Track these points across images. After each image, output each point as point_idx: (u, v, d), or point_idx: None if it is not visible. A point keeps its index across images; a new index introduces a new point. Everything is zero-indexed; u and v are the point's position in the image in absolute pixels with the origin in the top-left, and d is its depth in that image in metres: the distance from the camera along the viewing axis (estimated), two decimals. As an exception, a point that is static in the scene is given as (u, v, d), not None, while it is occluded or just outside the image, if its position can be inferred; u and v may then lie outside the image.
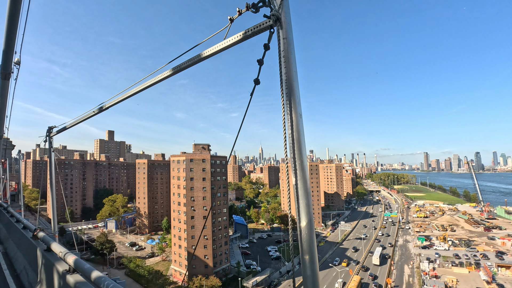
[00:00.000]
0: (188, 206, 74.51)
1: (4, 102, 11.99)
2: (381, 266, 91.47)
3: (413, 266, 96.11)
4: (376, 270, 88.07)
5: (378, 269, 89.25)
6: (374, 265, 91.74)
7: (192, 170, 75.32)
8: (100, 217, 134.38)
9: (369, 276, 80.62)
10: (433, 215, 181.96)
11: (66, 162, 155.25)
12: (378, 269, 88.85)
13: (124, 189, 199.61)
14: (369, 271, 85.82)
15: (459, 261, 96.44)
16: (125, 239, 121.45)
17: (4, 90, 10.95)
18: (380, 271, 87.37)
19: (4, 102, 11.97)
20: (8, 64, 9.49)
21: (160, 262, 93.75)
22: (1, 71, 9.81)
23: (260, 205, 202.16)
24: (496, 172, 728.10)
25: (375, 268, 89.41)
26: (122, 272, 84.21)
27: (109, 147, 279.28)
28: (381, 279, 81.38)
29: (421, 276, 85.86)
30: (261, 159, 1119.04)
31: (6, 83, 10.60)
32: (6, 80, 10.32)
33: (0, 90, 10.81)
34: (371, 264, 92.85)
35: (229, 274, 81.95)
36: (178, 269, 79.28)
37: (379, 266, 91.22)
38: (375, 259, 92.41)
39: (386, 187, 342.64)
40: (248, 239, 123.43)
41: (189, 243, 74.12)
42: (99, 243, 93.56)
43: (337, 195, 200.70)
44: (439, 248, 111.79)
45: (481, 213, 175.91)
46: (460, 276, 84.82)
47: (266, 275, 79.90)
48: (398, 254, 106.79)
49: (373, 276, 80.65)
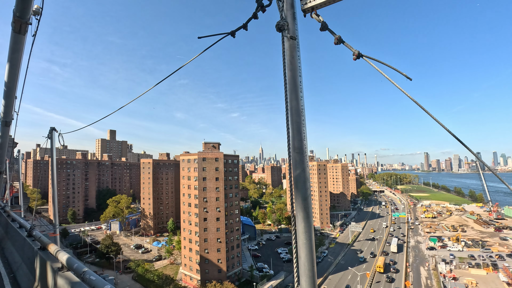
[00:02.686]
0: (201, 208, 71.05)
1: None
2: (398, 253, 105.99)
3: (429, 268, 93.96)
4: (394, 256, 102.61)
5: (396, 255, 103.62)
6: (392, 253, 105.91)
7: (204, 170, 71.91)
8: (103, 218, 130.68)
9: (389, 261, 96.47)
10: (441, 215, 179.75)
11: (68, 162, 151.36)
12: (396, 256, 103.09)
13: (127, 189, 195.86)
14: (389, 255, 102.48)
15: (475, 262, 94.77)
16: (130, 241, 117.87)
17: (18, 45, 8.33)
18: (398, 257, 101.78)
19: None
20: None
21: (168, 266, 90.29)
22: None
23: (265, 206, 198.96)
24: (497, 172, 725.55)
25: (393, 255, 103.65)
26: (129, 277, 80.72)
27: (111, 147, 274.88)
28: (400, 264, 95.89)
29: (439, 278, 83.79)
30: (261, 159, 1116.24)
31: (21, 38, 8.00)
32: (21, 34, 7.76)
33: (13, 44, 8.27)
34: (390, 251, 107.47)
35: (241, 278, 78.65)
36: (189, 273, 75.86)
37: (396, 253, 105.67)
38: (393, 247, 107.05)
39: (389, 187, 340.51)
40: (257, 240, 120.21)
41: (201, 247, 70.63)
42: (105, 246, 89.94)
43: (343, 195, 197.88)
44: (453, 249, 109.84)
45: (489, 213, 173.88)
46: (478, 278, 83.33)
47: (281, 279, 76.74)
48: (412, 256, 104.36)
49: (393, 262, 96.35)
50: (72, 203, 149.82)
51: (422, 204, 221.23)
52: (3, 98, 10.99)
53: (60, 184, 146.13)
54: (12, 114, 12.91)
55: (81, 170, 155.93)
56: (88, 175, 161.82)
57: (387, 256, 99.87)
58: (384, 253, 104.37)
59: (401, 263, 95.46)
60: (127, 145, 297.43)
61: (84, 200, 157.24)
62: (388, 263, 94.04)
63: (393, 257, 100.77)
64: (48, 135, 22.02)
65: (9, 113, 12.47)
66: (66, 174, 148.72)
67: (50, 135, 21.90)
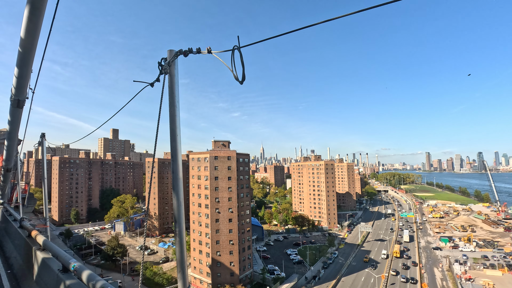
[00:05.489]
0: (213, 208, 68.38)
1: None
2: (410, 242, 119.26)
3: (443, 269, 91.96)
4: (407, 245, 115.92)
5: (409, 244, 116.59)
6: (405, 241, 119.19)
7: (216, 169, 69.24)
8: (108, 218, 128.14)
9: (404, 248, 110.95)
10: (448, 215, 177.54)
11: (72, 161, 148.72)
12: (408, 245, 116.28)
13: (130, 189, 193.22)
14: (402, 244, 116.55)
15: (490, 263, 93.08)
16: (135, 242, 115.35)
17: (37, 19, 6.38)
18: (410, 246, 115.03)
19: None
20: None
21: (176, 268, 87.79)
22: None
23: (270, 206, 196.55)
24: (499, 172, 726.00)
25: (405, 244, 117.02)
26: (136, 280, 78.24)
27: (114, 146, 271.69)
28: (411, 251, 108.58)
29: (454, 280, 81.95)
30: (262, 158, 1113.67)
31: None
32: None
33: None
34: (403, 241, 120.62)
35: (253, 281, 76.14)
36: (199, 276, 73.35)
37: (408, 242, 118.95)
38: (406, 237, 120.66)
39: (393, 187, 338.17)
40: (264, 241, 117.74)
41: (213, 249, 67.97)
42: (110, 248, 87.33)
43: (348, 195, 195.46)
44: (465, 249, 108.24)
45: (497, 213, 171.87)
46: (494, 279, 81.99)
47: (294, 281, 74.30)
48: (425, 257, 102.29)
49: (406, 249, 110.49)
50: (75, 203, 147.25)
51: (428, 204, 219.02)
52: (17, 66, 7.98)
53: (63, 184, 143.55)
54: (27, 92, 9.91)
55: (84, 169, 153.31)
56: (92, 175, 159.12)
57: (401, 245, 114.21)
58: (398, 242, 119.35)
59: (413, 250, 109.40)
60: (129, 144, 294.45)
61: (88, 200, 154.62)
62: (403, 249, 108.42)
63: (406, 246, 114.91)
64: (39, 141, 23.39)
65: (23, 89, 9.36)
66: (69, 173, 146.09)
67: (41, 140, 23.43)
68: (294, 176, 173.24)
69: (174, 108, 5.51)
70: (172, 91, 5.49)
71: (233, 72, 5.07)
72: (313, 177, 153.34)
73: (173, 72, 5.52)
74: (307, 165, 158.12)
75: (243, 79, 5.06)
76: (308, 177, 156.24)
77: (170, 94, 5.50)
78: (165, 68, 5.45)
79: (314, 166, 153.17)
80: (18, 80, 8.72)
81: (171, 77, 5.51)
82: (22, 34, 6.59)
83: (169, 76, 5.51)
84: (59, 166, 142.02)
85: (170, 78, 5.52)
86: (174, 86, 5.52)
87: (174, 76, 5.52)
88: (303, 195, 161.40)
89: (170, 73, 5.51)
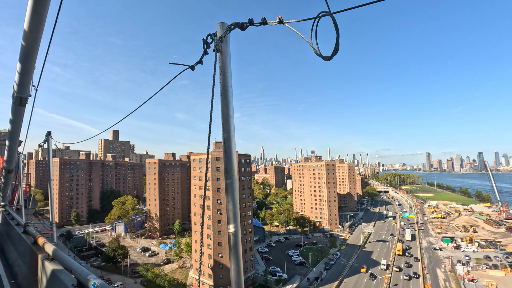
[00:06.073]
0: (215, 210, 68.06)
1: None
2: (412, 241, 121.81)
3: (445, 269, 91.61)
4: (409, 243, 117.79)
5: (411, 243, 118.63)
6: (407, 240, 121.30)
7: (218, 170, 68.90)
8: (108, 220, 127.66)
9: (406, 245, 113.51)
10: (449, 215, 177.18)
11: (72, 162, 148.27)
12: (410, 243, 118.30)
13: (131, 190, 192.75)
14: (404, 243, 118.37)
15: (492, 263, 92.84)
16: (136, 244, 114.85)
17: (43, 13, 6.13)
18: (412, 245, 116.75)
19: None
20: None
21: (177, 270, 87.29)
22: None
23: (270, 207, 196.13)
24: (499, 173, 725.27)
25: (407, 243, 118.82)
26: (138, 282, 77.72)
27: (114, 147, 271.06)
28: (413, 249, 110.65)
29: (457, 280, 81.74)
30: (262, 159, 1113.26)
31: None
32: None
33: None
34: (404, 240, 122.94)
35: (255, 283, 75.73)
36: (201, 278, 72.83)
37: (410, 241, 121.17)
38: (407, 236, 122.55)
39: (393, 188, 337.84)
40: (266, 242, 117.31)
41: (215, 251, 67.60)
42: (111, 249, 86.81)
43: (349, 196, 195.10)
44: (467, 250, 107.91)
45: (499, 214, 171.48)
46: (497, 279, 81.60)
47: (296, 283, 73.89)
48: (427, 257, 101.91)
49: (408, 246, 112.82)
50: (76, 204, 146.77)
51: (429, 204, 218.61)
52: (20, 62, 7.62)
53: (64, 185, 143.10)
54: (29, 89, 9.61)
55: (84, 170, 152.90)
56: (92, 176, 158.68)
57: (403, 243, 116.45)
58: (400, 241, 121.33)
59: (415, 249, 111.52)
60: (130, 146, 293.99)
61: (88, 201, 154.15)
62: (405, 248, 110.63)
63: (408, 244, 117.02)
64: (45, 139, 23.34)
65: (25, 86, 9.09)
66: (69, 174, 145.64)
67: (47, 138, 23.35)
68: (295, 177, 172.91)
69: (227, 93, 4.64)
70: (224, 72, 4.64)
71: (315, 47, 4.02)
72: (314, 178, 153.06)
73: (225, 50, 4.65)
74: (308, 165, 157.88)
75: (335, 52, 3.73)
76: (309, 178, 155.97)
77: (222, 76, 4.65)
78: (217, 44, 4.59)
79: (315, 166, 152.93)
80: (21, 76, 8.33)
81: (223, 55, 4.65)
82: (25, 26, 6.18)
83: (220, 55, 4.66)
84: (60, 168, 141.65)
85: (222, 57, 4.66)
86: (226, 66, 4.66)
87: (227, 54, 4.67)
88: (304, 196, 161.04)
89: (222, 50, 4.64)
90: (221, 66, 4.65)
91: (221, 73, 4.65)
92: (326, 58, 3.85)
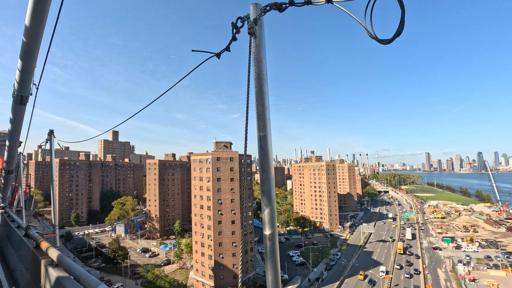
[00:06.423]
0: (215, 210, 67.89)
1: None
2: (412, 240, 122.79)
3: (446, 269, 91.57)
4: (409, 242, 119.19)
5: (411, 242, 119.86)
6: (407, 239, 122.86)
7: (219, 170, 68.81)
8: (108, 220, 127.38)
9: (406, 244, 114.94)
10: (450, 215, 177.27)
11: (71, 163, 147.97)
12: (411, 242, 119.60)
13: (131, 191, 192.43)
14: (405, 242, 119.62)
15: (493, 263, 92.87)
16: (136, 245, 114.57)
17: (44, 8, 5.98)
18: (413, 243, 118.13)
19: None
20: None
21: (178, 271, 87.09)
22: None
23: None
24: (499, 172, 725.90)
25: (408, 241, 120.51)
26: (138, 283, 77.46)
27: (114, 148, 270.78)
28: (414, 248, 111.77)
29: (458, 280, 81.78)
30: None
31: None
32: None
33: None
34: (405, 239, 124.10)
35: (256, 283, 75.51)
36: (201, 279, 72.65)
37: (411, 240, 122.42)
38: (408, 235, 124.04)
39: (393, 188, 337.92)
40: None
41: (216, 251, 67.38)
42: (111, 250, 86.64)
43: (349, 196, 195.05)
44: (468, 250, 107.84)
45: (499, 213, 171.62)
46: (498, 279, 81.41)
47: (297, 283, 73.73)
48: (427, 257, 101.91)
49: (409, 245, 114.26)
50: (76, 205, 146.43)
51: (429, 204, 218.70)
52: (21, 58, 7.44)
53: (63, 186, 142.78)
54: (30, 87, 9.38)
55: (84, 171, 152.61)
56: (92, 177, 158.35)
57: (404, 242, 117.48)
58: (401, 240, 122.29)
59: (415, 248, 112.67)
60: (129, 146, 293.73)
61: (88, 202, 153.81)
62: (406, 246, 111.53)
63: (409, 243, 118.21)
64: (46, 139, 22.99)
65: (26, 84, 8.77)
66: (69, 175, 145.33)
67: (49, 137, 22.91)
68: (295, 177, 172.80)
69: (262, 82, 4.10)
70: (259, 59, 4.09)
71: (369, 29, 3.45)
72: (314, 178, 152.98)
73: (259, 34, 4.11)
74: (308, 166, 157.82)
75: (398, 34, 3.16)
76: (309, 178, 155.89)
77: (256, 63, 4.11)
78: (251, 27, 4.08)
79: (315, 167, 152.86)
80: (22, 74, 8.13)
81: (258, 40, 4.10)
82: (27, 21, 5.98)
83: (255, 39, 4.12)
84: (59, 168, 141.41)
85: (256, 42, 4.11)
86: (261, 52, 4.11)
87: (262, 39, 4.14)
88: (304, 196, 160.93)
89: (257, 34, 4.12)
90: (256, 52, 4.15)
91: (255, 60, 4.15)
92: (385, 41, 3.31)
